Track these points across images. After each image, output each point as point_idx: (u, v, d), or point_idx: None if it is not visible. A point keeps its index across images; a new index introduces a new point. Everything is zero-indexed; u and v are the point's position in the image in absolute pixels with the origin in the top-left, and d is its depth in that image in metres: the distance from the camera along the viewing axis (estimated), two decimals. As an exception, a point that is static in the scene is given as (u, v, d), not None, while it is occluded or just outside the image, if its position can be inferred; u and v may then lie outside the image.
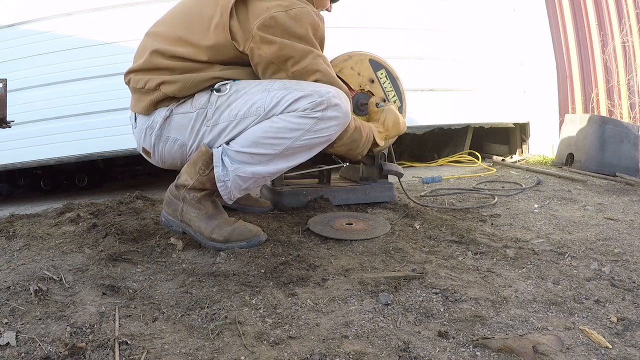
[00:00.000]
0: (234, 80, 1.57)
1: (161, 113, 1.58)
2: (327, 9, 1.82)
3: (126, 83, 1.67)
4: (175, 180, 1.60)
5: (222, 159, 1.49)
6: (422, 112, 3.64)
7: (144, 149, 1.70)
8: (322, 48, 1.63)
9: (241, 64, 1.58)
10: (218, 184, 1.50)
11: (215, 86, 1.54)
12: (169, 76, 1.54)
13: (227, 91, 1.54)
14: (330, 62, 2.07)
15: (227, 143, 1.52)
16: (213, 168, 1.50)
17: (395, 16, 3.55)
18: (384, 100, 2.10)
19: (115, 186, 3.51)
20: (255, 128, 1.48)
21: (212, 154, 1.51)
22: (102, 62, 2.93)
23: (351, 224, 1.78)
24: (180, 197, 1.58)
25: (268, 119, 1.48)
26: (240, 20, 1.49)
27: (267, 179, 1.58)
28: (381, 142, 1.84)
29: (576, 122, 3.41)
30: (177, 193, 1.58)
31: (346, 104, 1.56)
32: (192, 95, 1.56)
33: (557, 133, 3.77)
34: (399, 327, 1.06)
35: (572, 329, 1.06)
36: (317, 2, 1.74)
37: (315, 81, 1.55)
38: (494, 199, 2.36)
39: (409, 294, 1.22)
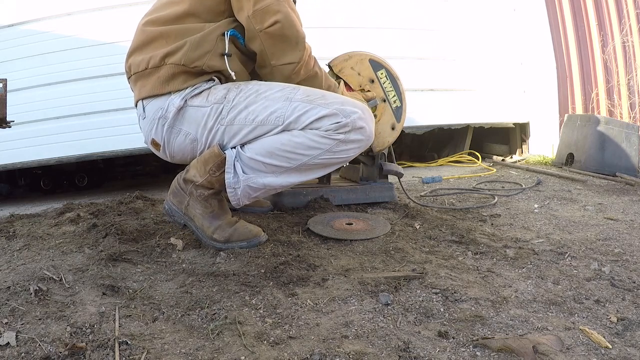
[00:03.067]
0: (237, 35, 1.50)
1: (175, 102, 1.50)
2: None
3: (127, 71, 1.60)
4: (184, 173, 1.57)
5: (234, 165, 1.46)
6: (422, 112, 3.64)
7: (153, 141, 1.61)
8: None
9: (223, 15, 1.51)
10: (227, 190, 1.48)
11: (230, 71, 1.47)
12: (170, 46, 1.47)
13: (245, 88, 1.49)
14: (331, 62, 2.08)
15: (242, 146, 1.48)
16: (224, 172, 1.47)
17: (395, 16, 3.55)
18: (384, 100, 2.10)
19: (115, 186, 3.51)
20: (274, 138, 1.45)
21: (224, 158, 1.47)
22: (102, 62, 2.94)
23: (351, 224, 1.78)
24: (187, 192, 1.55)
25: (288, 131, 1.45)
26: None
27: (277, 190, 1.55)
28: None
29: (576, 122, 3.41)
30: (185, 186, 1.56)
31: (371, 124, 1.51)
32: (208, 88, 1.51)
33: (557, 133, 3.77)
34: (399, 327, 1.06)
35: (572, 329, 1.06)
36: None
37: (274, 22, 1.44)
38: (494, 199, 2.36)
39: (409, 294, 1.22)
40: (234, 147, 1.49)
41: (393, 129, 2.14)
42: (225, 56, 1.48)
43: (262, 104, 1.46)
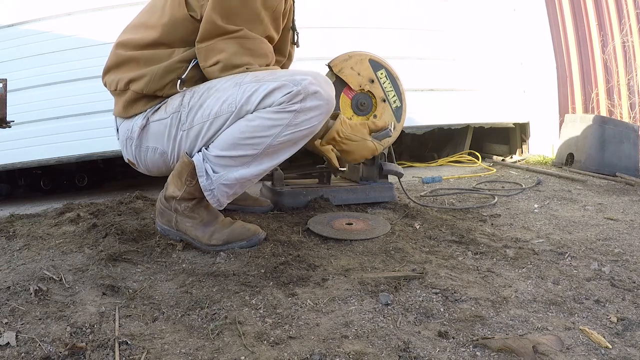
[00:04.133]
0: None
1: (138, 122, 1.53)
2: None
3: (105, 86, 1.63)
4: (164, 191, 1.56)
5: (204, 167, 1.44)
6: (422, 112, 3.64)
7: (129, 160, 1.67)
8: (278, 21, 1.53)
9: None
10: (205, 193, 1.46)
11: (182, 77, 1.46)
12: (135, 72, 1.48)
13: (198, 89, 1.47)
14: (330, 62, 2.08)
15: (207, 147, 1.46)
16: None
17: (395, 16, 3.55)
18: (384, 100, 2.10)
19: (115, 186, 3.51)
20: (232, 129, 1.41)
21: (195, 165, 1.45)
22: (102, 62, 2.90)
23: (351, 224, 1.78)
24: (172, 209, 1.53)
25: (242, 117, 1.40)
26: None
27: (253, 181, 1.51)
28: (325, 142, 1.69)
29: (576, 122, 3.41)
30: (168, 204, 1.54)
31: (327, 88, 1.43)
32: (165, 101, 1.51)
33: (557, 133, 3.77)
34: (399, 327, 1.06)
35: (572, 329, 1.06)
36: None
37: (215, 63, 1.43)
38: (494, 199, 2.36)
39: (409, 294, 1.22)
40: (200, 151, 1.47)
41: (393, 129, 2.14)
42: (179, 80, 1.48)
43: (215, 97, 1.43)
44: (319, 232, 1.69)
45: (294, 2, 1.73)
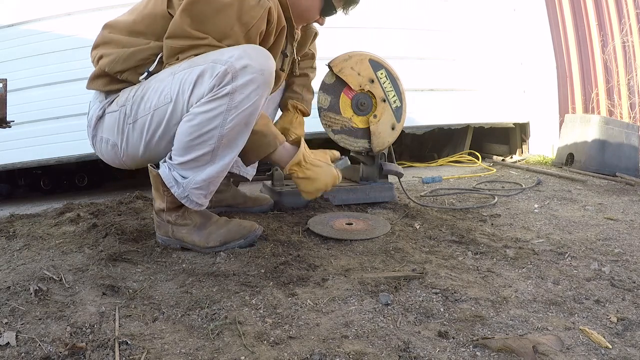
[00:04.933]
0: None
1: (96, 110, 1.54)
2: (317, 22, 1.73)
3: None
4: (154, 206, 1.56)
5: (172, 176, 1.43)
6: (422, 112, 3.65)
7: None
8: (252, 40, 1.44)
9: None
10: (182, 201, 1.45)
11: (149, 68, 1.46)
12: (108, 50, 1.49)
13: (144, 83, 1.46)
14: (330, 62, 2.08)
15: (170, 157, 1.44)
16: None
17: (395, 16, 3.55)
18: (384, 100, 2.10)
19: (115, 186, 3.51)
20: (179, 133, 1.38)
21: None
22: (102, 62, 2.93)
23: (351, 224, 1.78)
24: (165, 220, 1.53)
25: (181, 111, 1.38)
26: None
27: (223, 174, 1.47)
28: (289, 168, 1.57)
29: (576, 122, 3.41)
30: (160, 218, 1.54)
31: (259, 58, 1.36)
32: (118, 94, 1.51)
33: (557, 133, 3.77)
34: (399, 327, 1.06)
35: (572, 329, 1.06)
36: (300, 13, 1.61)
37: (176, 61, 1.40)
38: (494, 199, 2.36)
39: (409, 294, 1.22)
40: (165, 161, 1.46)
41: (393, 129, 2.14)
42: (147, 72, 1.46)
43: (153, 88, 1.42)
44: (319, 232, 1.69)
45: (312, 34, 1.73)
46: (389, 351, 0.96)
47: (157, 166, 1.50)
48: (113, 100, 1.52)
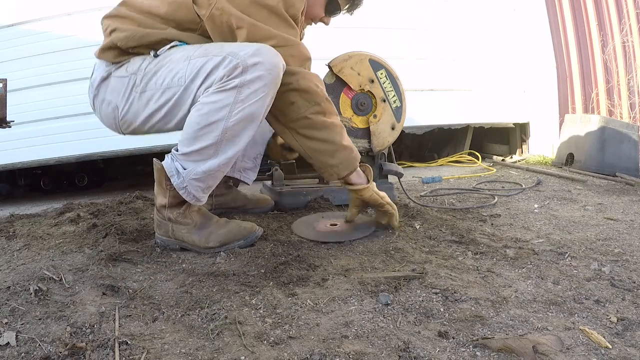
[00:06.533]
0: (180, 44, 1.51)
1: (101, 72, 1.57)
2: (322, 21, 1.75)
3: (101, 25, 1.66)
4: (155, 204, 1.57)
5: (174, 166, 1.45)
6: (422, 112, 3.64)
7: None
8: (296, 25, 1.54)
9: (194, 30, 1.52)
10: (180, 192, 1.46)
11: (158, 51, 1.50)
12: (123, 25, 1.52)
13: (159, 57, 1.50)
14: (330, 62, 2.08)
15: (176, 149, 1.47)
16: None
17: (395, 16, 3.55)
18: (384, 100, 2.09)
19: (115, 186, 3.51)
20: (188, 123, 1.42)
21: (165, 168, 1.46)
22: (102, 62, 2.93)
23: (335, 224, 1.77)
24: (166, 218, 1.53)
25: (190, 96, 1.42)
26: None
27: (223, 171, 1.49)
28: (363, 189, 1.64)
29: (576, 122, 3.41)
30: (161, 215, 1.54)
31: (271, 57, 1.39)
32: (128, 60, 1.54)
33: (557, 133, 3.77)
34: (399, 327, 1.06)
35: (572, 329, 1.06)
36: (306, 10, 1.64)
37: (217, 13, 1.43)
38: (494, 199, 2.36)
39: (409, 294, 1.22)
40: (169, 153, 1.49)
41: (393, 129, 2.14)
42: (153, 52, 1.51)
43: (168, 67, 1.46)
44: (300, 234, 1.68)
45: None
46: (389, 351, 0.96)
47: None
48: (122, 65, 1.55)
